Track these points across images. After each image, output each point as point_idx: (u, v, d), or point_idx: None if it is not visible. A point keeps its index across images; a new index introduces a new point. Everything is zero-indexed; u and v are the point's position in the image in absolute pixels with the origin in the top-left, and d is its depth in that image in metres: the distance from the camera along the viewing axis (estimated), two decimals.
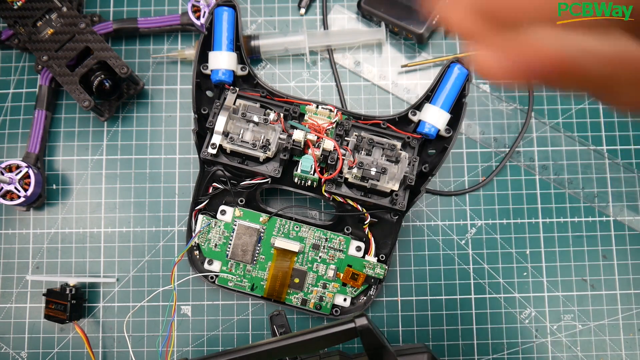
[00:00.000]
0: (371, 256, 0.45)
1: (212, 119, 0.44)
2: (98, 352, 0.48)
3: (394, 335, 0.48)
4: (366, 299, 0.46)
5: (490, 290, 0.49)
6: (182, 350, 0.48)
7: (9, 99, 0.51)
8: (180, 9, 0.53)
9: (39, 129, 0.49)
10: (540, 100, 0.52)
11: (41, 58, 0.46)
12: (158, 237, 0.49)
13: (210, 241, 0.45)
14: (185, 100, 0.51)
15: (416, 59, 0.52)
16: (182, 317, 0.48)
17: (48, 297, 0.46)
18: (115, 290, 0.49)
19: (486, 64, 0.20)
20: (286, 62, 0.52)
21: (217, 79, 0.45)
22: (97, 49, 0.46)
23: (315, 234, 0.46)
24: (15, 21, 0.47)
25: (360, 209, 0.45)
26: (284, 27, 0.53)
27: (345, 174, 0.43)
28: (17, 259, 0.49)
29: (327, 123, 0.45)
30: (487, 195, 0.50)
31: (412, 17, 0.49)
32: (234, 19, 0.46)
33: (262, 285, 0.45)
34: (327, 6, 0.53)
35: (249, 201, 0.46)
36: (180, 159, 0.51)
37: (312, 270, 0.45)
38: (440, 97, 0.45)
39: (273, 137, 0.44)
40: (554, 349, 0.48)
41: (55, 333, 0.48)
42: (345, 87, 0.52)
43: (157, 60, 0.52)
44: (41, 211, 0.50)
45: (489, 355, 0.48)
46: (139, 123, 0.51)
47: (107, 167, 0.50)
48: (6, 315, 0.48)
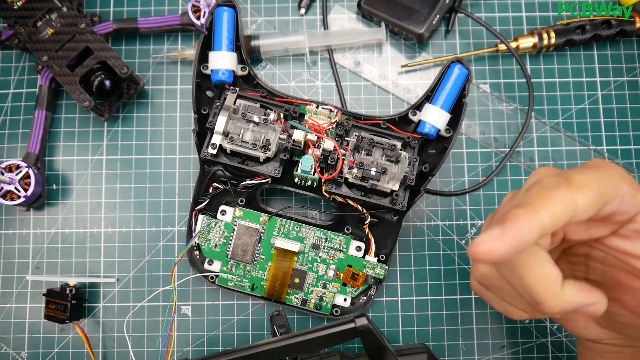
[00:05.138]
0: (371, 256, 0.45)
1: (212, 119, 0.44)
2: (98, 352, 0.48)
3: (394, 335, 0.48)
4: (366, 299, 0.46)
5: None
6: (182, 350, 0.48)
7: (9, 99, 0.51)
8: (180, 9, 0.53)
9: (39, 129, 0.49)
10: (540, 100, 0.52)
11: (41, 58, 0.46)
12: (158, 237, 0.49)
13: (210, 241, 0.45)
14: (185, 100, 0.51)
15: (416, 59, 0.52)
16: (182, 317, 0.48)
17: (48, 297, 0.46)
18: (115, 291, 0.49)
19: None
20: (286, 62, 0.52)
21: (217, 79, 0.45)
22: (97, 49, 0.46)
23: (315, 234, 0.46)
24: (15, 21, 0.47)
25: (361, 209, 0.45)
26: (284, 27, 0.53)
27: (345, 174, 0.43)
28: (17, 259, 0.49)
29: (327, 123, 0.45)
30: (487, 195, 0.50)
31: (412, 17, 0.49)
32: (234, 19, 0.46)
33: (262, 285, 0.45)
34: (327, 6, 0.53)
35: (249, 201, 0.46)
36: (181, 159, 0.51)
37: (312, 270, 0.45)
38: (441, 97, 0.45)
39: (273, 137, 0.44)
40: (554, 349, 0.48)
41: (55, 333, 0.48)
42: (345, 87, 0.52)
43: (157, 60, 0.52)
44: (41, 211, 0.50)
45: (489, 355, 0.48)
46: (139, 123, 0.51)
47: (107, 167, 0.50)
48: (6, 315, 0.48)
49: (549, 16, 0.53)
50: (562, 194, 0.27)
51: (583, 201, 0.27)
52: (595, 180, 0.28)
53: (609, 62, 0.52)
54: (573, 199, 0.27)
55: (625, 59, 0.52)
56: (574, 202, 0.27)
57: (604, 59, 0.52)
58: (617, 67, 0.52)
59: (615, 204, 0.28)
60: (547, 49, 0.51)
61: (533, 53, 0.52)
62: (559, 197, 0.27)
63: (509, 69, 0.52)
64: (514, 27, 0.53)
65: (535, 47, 0.51)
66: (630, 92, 0.52)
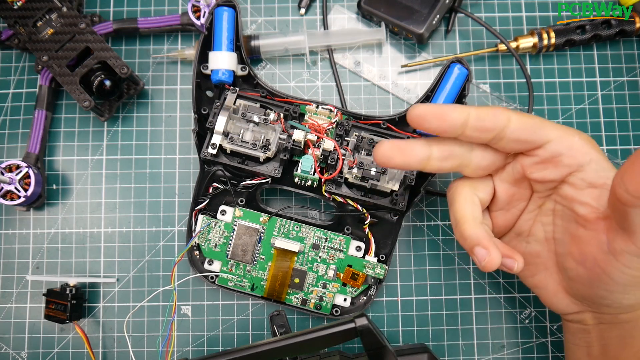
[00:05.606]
0: (371, 256, 0.45)
1: (212, 119, 0.44)
2: (98, 352, 0.48)
3: (394, 335, 0.48)
4: (366, 299, 0.46)
5: (490, 290, 0.49)
6: (182, 350, 0.48)
7: (9, 99, 0.51)
8: (180, 9, 0.53)
9: (39, 129, 0.49)
10: (540, 100, 0.52)
11: (41, 58, 0.46)
12: (158, 237, 0.49)
13: (210, 241, 0.45)
14: (185, 100, 0.51)
15: (416, 59, 0.52)
16: (182, 317, 0.48)
17: (48, 297, 0.46)
18: (115, 290, 0.49)
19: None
20: (286, 62, 0.52)
21: (217, 79, 0.45)
22: (97, 49, 0.46)
23: (315, 234, 0.46)
24: (15, 21, 0.47)
25: (360, 209, 0.45)
26: (284, 27, 0.53)
27: (345, 174, 0.43)
28: (17, 259, 0.49)
29: (327, 123, 0.45)
30: None
31: (412, 17, 0.49)
32: (234, 19, 0.46)
33: (262, 285, 0.45)
34: (327, 6, 0.53)
35: (249, 201, 0.46)
36: (180, 159, 0.51)
37: (312, 270, 0.45)
38: (440, 97, 0.45)
39: (273, 137, 0.44)
40: (554, 349, 0.48)
41: (55, 333, 0.48)
42: (345, 87, 0.52)
43: (157, 60, 0.52)
44: (41, 211, 0.50)
45: (489, 355, 0.48)
46: (139, 123, 0.51)
47: (107, 167, 0.50)
48: (6, 315, 0.48)
49: (549, 16, 0.53)
50: (500, 109, 0.35)
51: (517, 119, 0.34)
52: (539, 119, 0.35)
53: (609, 62, 0.52)
54: (507, 113, 0.34)
55: (625, 59, 0.52)
56: (507, 114, 0.34)
57: (604, 59, 0.52)
58: (617, 67, 0.52)
59: (560, 145, 0.34)
60: (547, 49, 0.51)
61: (533, 53, 0.52)
62: (494, 108, 0.35)
63: (509, 69, 0.52)
64: (514, 27, 0.53)
65: (535, 47, 0.51)
66: (630, 92, 0.52)
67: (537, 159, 0.35)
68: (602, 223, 0.34)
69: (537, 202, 0.39)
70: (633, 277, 0.33)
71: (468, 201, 0.37)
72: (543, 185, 0.37)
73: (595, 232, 0.34)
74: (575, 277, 0.36)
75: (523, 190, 0.38)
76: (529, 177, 0.37)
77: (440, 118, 0.34)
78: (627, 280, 0.33)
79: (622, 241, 0.32)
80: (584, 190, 0.35)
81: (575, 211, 0.35)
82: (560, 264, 0.38)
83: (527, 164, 0.36)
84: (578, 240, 0.36)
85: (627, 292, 0.34)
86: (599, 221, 0.34)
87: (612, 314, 0.37)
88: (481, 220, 0.37)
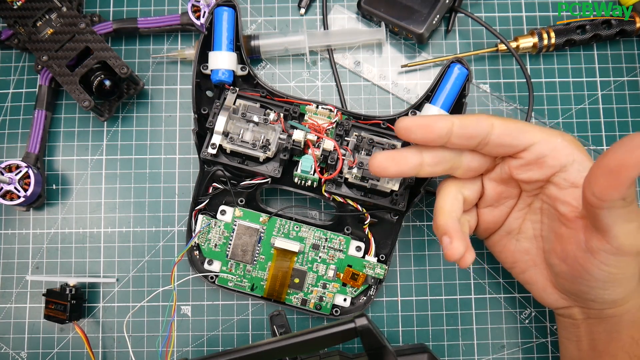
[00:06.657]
0: (371, 256, 0.45)
1: (212, 119, 0.44)
2: (98, 352, 0.48)
3: (394, 335, 0.48)
4: (366, 299, 0.46)
5: (490, 290, 0.49)
6: (182, 350, 0.48)
7: (9, 99, 0.51)
8: (180, 9, 0.53)
9: (39, 129, 0.49)
10: (540, 100, 0.52)
11: (41, 58, 0.46)
12: (158, 237, 0.49)
13: (210, 241, 0.45)
14: (185, 100, 0.51)
15: (416, 59, 0.52)
16: (182, 317, 0.48)
17: (48, 297, 0.46)
18: (115, 291, 0.49)
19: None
20: (286, 62, 0.52)
21: (217, 79, 0.45)
22: (97, 49, 0.46)
23: (315, 234, 0.46)
24: (15, 21, 0.47)
25: (360, 209, 0.45)
26: (284, 27, 0.53)
27: (345, 174, 0.43)
28: (17, 259, 0.49)
29: (327, 123, 0.45)
30: None
31: (412, 17, 0.49)
32: (234, 19, 0.46)
33: (262, 285, 0.45)
34: (327, 6, 0.53)
35: (249, 201, 0.46)
36: (180, 159, 0.51)
37: (312, 270, 0.45)
38: (440, 97, 0.45)
39: (273, 137, 0.44)
40: (554, 349, 0.48)
41: (55, 333, 0.48)
42: (345, 87, 0.52)
43: (157, 60, 0.52)
44: (41, 211, 0.50)
45: (489, 355, 0.48)
46: (139, 123, 0.51)
47: (107, 167, 0.50)
48: (6, 315, 0.48)
49: (549, 16, 0.53)
50: (483, 116, 0.36)
51: (499, 124, 0.36)
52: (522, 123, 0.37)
53: (609, 62, 0.52)
54: (490, 120, 0.36)
55: (625, 59, 0.52)
56: (490, 121, 0.36)
57: (604, 59, 0.52)
58: (617, 67, 0.52)
59: (544, 147, 0.36)
60: (547, 49, 0.51)
61: (533, 53, 0.52)
62: (477, 116, 0.36)
63: (509, 69, 0.52)
64: (514, 27, 0.53)
65: (535, 47, 0.51)
66: (630, 92, 0.52)
67: (522, 161, 0.37)
68: (580, 222, 0.35)
69: (526, 200, 0.40)
70: (610, 273, 0.35)
71: (450, 197, 0.39)
72: (530, 185, 0.38)
73: (575, 231, 0.36)
74: (560, 273, 0.38)
75: (511, 189, 0.40)
76: (515, 177, 0.38)
77: (425, 129, 0.36)
78: (605, 276, 0.35)
79: (597, 240, 0.34)
80: (566, 190, 0.36)
81: (558, 210, 0.37)
82: (547, 261, 0.39)
83: (513, 165, 0.38)
84: (560, 237, 0.37)
85: (607, 288, 0.36)
86: (578, 220, 0.36)
87: (597, 309, 0.38)
88: (458, 215, 0.38)
